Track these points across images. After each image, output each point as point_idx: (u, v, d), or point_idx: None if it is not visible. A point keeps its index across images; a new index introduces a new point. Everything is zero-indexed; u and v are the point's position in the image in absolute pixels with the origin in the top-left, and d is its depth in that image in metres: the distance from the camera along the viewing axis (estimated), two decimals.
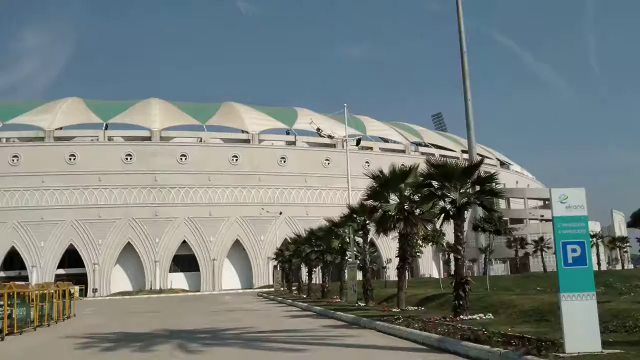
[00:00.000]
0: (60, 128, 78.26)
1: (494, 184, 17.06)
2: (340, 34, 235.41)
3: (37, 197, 72.26)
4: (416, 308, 21.30)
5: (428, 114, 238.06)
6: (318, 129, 40.92)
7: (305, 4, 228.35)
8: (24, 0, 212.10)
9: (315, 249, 36.48)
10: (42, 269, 70.78)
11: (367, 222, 26.08)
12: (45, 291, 24.68)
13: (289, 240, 53.62)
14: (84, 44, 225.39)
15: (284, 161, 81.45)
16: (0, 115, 79.09)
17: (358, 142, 39.91)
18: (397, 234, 22.40)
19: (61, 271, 72.11)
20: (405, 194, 21.46)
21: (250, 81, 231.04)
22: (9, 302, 19.60)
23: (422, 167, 18.81)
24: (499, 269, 77.16)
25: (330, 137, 42.46)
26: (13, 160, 72.66)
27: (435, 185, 17.56)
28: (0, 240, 71.10)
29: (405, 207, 21.38)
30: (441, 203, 17.64)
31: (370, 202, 23.68)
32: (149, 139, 78.99)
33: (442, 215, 17.65)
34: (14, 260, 72.64)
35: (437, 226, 20.37)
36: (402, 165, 22.56)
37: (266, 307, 32.00)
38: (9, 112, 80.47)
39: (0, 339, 17.87)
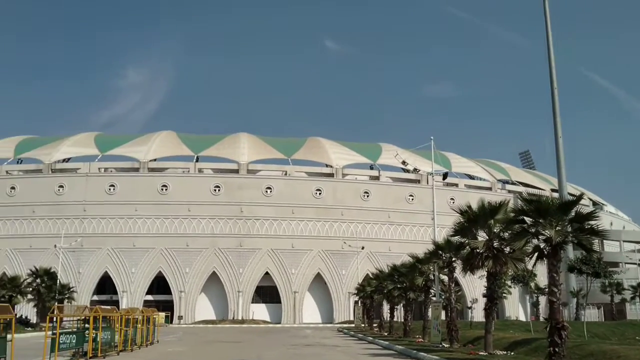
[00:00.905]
0: (154, 159, 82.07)
1: (593, 222, 15.84)
2: (425, 74, 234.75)
3: (130, 225, 75.64)
4: (505, 353, 20.03)
5: (515, 152, 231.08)
6: (403, 162, 40.41)
7: (390, 46, 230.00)
8: (127, 40, 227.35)
9: (398, 285, 35.58)
10: (131, 295, 73.52)
11: (453, 259, 25.10)
12: (130, 316, 25.06)
13: (371, 276, 52.82)
14: (180, 80, 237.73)
15: (367, 196, 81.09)
16: (100, 146, 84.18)
17: (445, 175, 38.96)
18: (484, 272, 21.33)
19: (149, 297, 74.68)
20: (495, 230, 20.46)
21: (335, 117, 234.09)
22: (94, 326, 20.04)
23: (512, 204, 17.87)
24: (591, 314, 72.27)
25: (415, 170, 41.78)
26: (110, 189, 76.72)
27: (528, 222, 16.54)
28: (95, 265, 74.77)
29: (495, 244, 20.35)
30: (534, 241, 16.55)
31: (457, 238, 22.79)
32: (236, 171, 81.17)
33: (536, 254, 16.52)
34: (106, 284, 76.06)
35: (530, 266, 19.07)
36: (489, 202, 21.59)
37: (346, 344, 31.28)
38: (107, 144, 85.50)
39: None
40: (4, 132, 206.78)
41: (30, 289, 48.27)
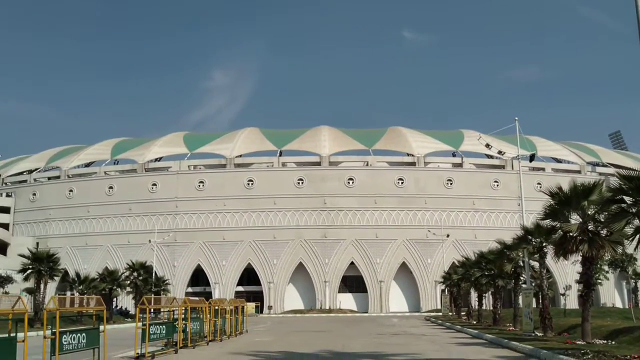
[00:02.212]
0: (240, 155, 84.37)
1: None
2: (508, 59, 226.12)
3: (220, 219, 78.29)
4: (605, 342, 19.05)
5: (604, 133, 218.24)
6: (487, 144, 39.09)
7: (470, 32, 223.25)
8: (214, 45, 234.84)
9: (486, 272, 34.69)
10: (223, 286, 76.16)
11: (544, 244, 24.13)
12: (219, 307, 25.51)
13: (457, 264, 51.91)
14: (263, 79, 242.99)
15: (451, 183, 79.54)
16: (189, 145, 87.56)
17: (532, 157, 37.41)
18: (578, 257, 20.37)
19: (240, 288, 77.12)
20: (589, 212, 19.47)
21: (416, 107, 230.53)
22: (184, 317, 20.59)
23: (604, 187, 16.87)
24: None
25: (500, 152, 40.34)
26: (199, 186, 79.69)
27: (628, 202, 15.56)
28: (188, 259, 78.04)
29: (590, 227, 19.38)
30: (635, 222, 15.55)
31: (547, 222, 21.85)
32: (318, 164, 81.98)
33: (637, 236, 15.48)
34: (200, 277, 79.27)
35: (631, 249, 17.89)
36: (582, 183, 20.52)
37: (433, 332, 30.92)
38: (195, 142, 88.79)
39: (174, 352, 18.73)
40: (102, 135, 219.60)
41: (128, 282, 50.80)
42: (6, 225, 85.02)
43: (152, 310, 22.84)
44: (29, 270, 39.25)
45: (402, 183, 79.33)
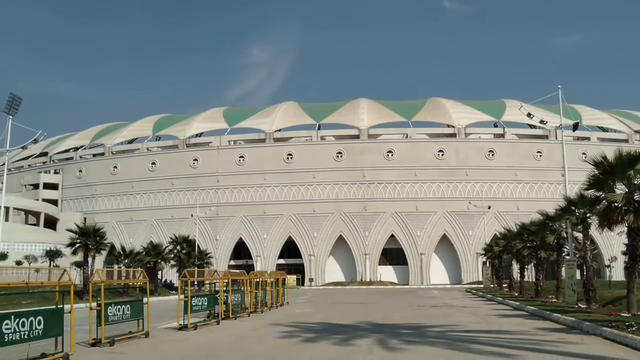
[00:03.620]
0: (279, 130, 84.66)
1: None
2: (551, 26, 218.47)
3: (260, 193, 79.11)
4: None
5: None
6: (529, 114, 38.10)
7: (510, 1, 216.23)
8: (253, 21, 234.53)
9: (528, 244, 34.19)
10: (265, 259, 77.30)
11: (588, 215, 23.56)
12: (259, 279, 25.77)
13: (499, 236, 51.28)
14: (302, 53, 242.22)
15: (492, 154, 78.16)
16: (229, 120, 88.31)
17: (575, 126, 36.23)
18: (623, 228, 19.84)
19: (282, 261, 78.15)
20: (635, 182, 18.88)
21: (456, 77, 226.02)
22: (225, 289, 21.01)
23: None
24: None
25: (543, 122, 39.29)
26: (239, 160, 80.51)
27: None
28: (230, 233, 79.34)
29: (635, 197, 18.81)
30: None
31: (591, 192, 21.30)
32: (357, 137, 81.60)
33: None
34: (241, 250, 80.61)
35: None
36: (628, 152, 19.87)
37: (474, 304, 30.74)
38: (235, 117, 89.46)
39: (216, 323, 19.15)
40: (144, 112, 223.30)
41: (172, 255, 51.87)
42: (55, 202, 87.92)
43: (194, 282, 23.35)
44: (77, 245, 40.18)
45: (442, 155, 78.38)
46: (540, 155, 77.85)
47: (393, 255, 78.86)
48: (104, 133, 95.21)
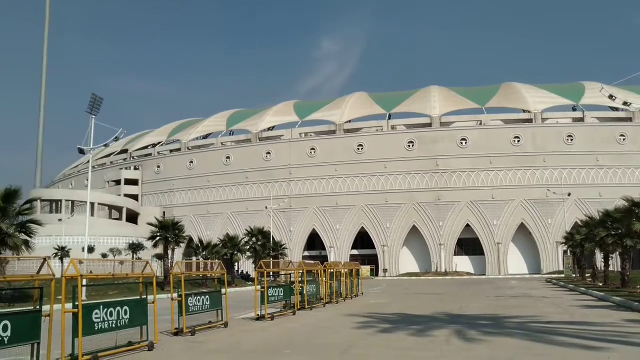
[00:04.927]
0: (349, 121, 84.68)
1: None
2: (629, 3, 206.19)
3: (332, 184, 79.54)
4: None
5: None
6: (611, 96, 36.23)
7: None
8: (322, 14, 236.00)
9: (612, 232, 32.63)
10: (338, 250, 77.76)
11: None
12: (333, 270, 25.89)
13: (580, 224, 49.21)
14: (371, 44, 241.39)
15: (571, 139, 75.00)
16: (299, 113, 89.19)
17: None
18: None
19: (355, 252, 78.38)
20: None
21: (529, 61, 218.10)
22: (300, 280, 21.30)
23: None
24: None
25: (626, 104, 37.27)
26: (311, 152, 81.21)
27: None
28: (304, 224, 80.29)
29: None
30: None
31: None
32: (429, 125, 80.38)
33: None
34: (315, 241, 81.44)
35: None
36: None
37: (555, 295, 29.68)
38: (305, 110, 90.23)
39: (292, 314, 19.30)
40: (217, 107, 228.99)
41: (248, 247, 53.11)
42: (135, 197, 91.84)
43: (270, 273, 23.83)
44: (157, 238, 41.86)
45: (518, 141, 76.00)
46: (624, 139, 74.05)
47: (469, 245, 77.38)
48: (180, 129, 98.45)
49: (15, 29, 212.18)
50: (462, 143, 76.99)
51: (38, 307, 9.31)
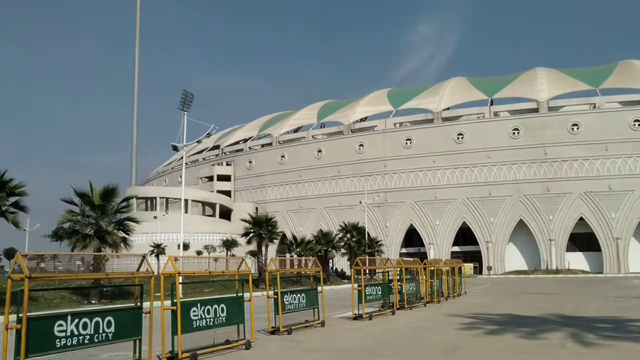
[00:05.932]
0: (447, 108, 79.94)
1: None
2: None
3: (430, 177, 75.22)
4: None
5: None
6: None
7: None
8: None
9: None
10: (438, 246, 73.45)
11: None
12: (433, 268, 24.43)
13: None
14: (468, 26, 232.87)
15: None
16: (393, 102, 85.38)
17: None
18: None
19: (456, 248, 73.87)
20: None
21: None
22: (399, 278, 20.46)
23: None
24: None
25: None
26: (406, 143, 77.25)
27: None
28: (400, 219, 76.55)
29: None
30: None
31: None
32: (535, 110, 74.18)
33: None
34: (413, 237, 77.50)
35: None
36: None
37: None
38: (399, 98, 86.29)
39: (391, 313, 18.52)
40: (308, 99, 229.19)
41: (342, 243, 51.06)
42: (228, 193, 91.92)
43: (366, 271, 22.71)
44: (251, 234, 40.88)
45: (638, 125, 68.34)
46: None
47: (583, 240, 70.70)
48: (271, 123, 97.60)
49: (107, 31, 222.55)
50: (573, 129, 70.28)
51: (139, 303, 9.44)
